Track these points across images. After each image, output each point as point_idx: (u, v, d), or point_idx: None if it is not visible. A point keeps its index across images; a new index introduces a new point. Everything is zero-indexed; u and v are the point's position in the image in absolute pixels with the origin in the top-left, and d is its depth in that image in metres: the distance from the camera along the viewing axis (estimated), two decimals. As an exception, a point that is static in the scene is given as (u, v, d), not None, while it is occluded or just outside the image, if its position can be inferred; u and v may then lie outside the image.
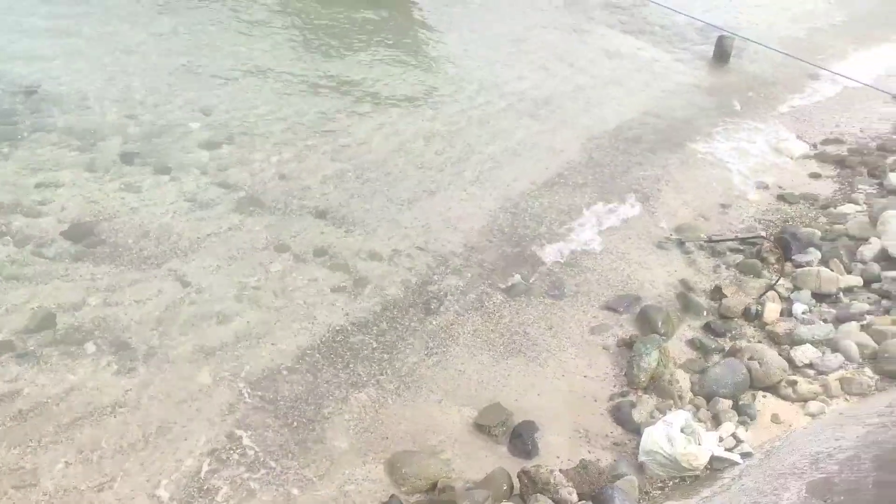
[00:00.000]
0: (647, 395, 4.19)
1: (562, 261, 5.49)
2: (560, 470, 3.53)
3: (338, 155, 6.45)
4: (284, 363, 4.18)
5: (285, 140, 6.55)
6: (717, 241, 5.83)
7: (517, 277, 5.21)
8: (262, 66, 7.82)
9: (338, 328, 4.50)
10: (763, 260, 5.57)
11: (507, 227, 5.81)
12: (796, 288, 5.18)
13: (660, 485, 3.64)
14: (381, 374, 4.19)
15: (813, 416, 4.02)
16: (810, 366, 4.39)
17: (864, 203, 6.40)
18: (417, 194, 6.06)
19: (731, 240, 5.87)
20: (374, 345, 4.41)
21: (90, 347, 4.09)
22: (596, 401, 4.17)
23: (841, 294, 5.08)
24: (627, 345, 4.56)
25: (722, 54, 9.50)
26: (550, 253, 5.56)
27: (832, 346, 4.50)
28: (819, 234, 5.76)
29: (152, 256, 4.86)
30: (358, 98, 7.52)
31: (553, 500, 3.36)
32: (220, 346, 4.24)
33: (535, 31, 9.76)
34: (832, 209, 6.38)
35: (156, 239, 5.03)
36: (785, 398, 4.17)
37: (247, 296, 4.66)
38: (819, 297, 5.08)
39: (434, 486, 3.52)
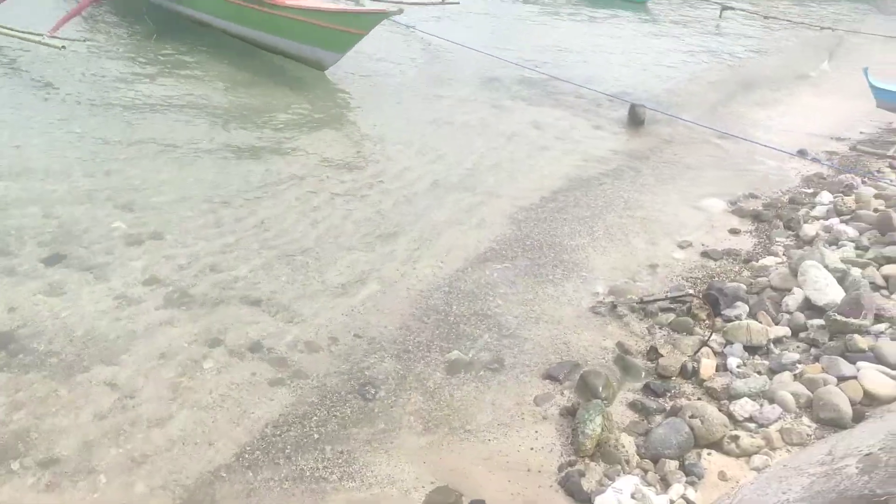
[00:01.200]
0: (594, 463, 4.16)
1: (499, 333, 5.49)
2: (514, 551, 3.44)
3: (267, 242, 6.39)
4: (223, 463, 4.01)
5: (212, 230, 6.46)
6: (649, 302, 5.95)
7: (455, 354, 5.18)
8: (184, 157, 7.77)
9: (276, 422, 4.36)
10: (694, 317, 5.69)
11: (442, 305, 5.80)
12: (728, 342, 5.30)
13: (616, 556, 3.57)
14: (323, 465, 4.05)
15: (758, 470, 4.05)
16: (750, 419, 4.45)
17: (784, 255, 6.66)
18: (350, 278, 6.03)
19: (662, 299, 5.99)
20: (315, 436, 4.28)
21: (14, 465, 3.84)
22: (544, 473, 4.11)
23: (771, 345, 5.21)
24: (570, 413, 4.55)
25: (635, 120, 9.95)
26: (487, 327, 5.56)
27: (769, 397, 4.59)
28: (745, 287, 5.94)
29: (79, 362, 4.65)
30: (283, 183, 7.52)
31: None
32: (155, 452, 4.04)
33: (457, 109, 10.03)
34: (754, 263, 6.62)
35: (82, 343, 4.83)
36: (729, 454, 4.20)
37: (180, 397, 4.49)
38: (751, 349, 5.20)
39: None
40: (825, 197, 7.84)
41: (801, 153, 9.34)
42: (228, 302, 5.50)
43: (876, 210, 7.16)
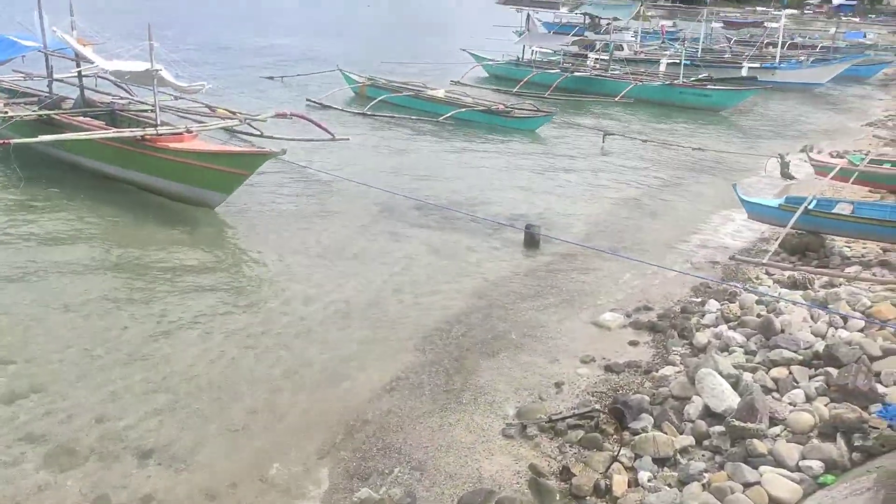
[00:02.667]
0: None
1: (409, 466, 5.33)
2: None
3: (160, 385, 6.11)
4: None
5: (99, 378, 6.13)
6: (557, 420, 5.95)
7: (365, 492, 4.96)
8: (69, 301, 7.44)
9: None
10: (602, 432, 5.72)
11: (348, 440, 5.61)
12: (637, 455, 5.32)
13: None
14: None
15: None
16: (665, 535, 4.42)
17: (681, 363, 6.87)
18: (251, 418, 5.78)
19: (570, 416, 6.01)
20: None
21: None
22: None
23: (678, 455, 5.26)
24: (487, 546, 4.39)
25: (531, 242, 10.29)
26: (397, 460, 5.39)
27: (681, 510, 4.59)
28: (648, 398, 6.05)
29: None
30: (176, 322, 7.29)
31: None
32: None
33: (353, 239, 10.11)
34: (654, 373, 6.78)
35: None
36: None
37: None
38: (659, 461, 5.24)
39: None
40: (713, 305, 8.22)
41: (688, 263, 9.89)
42: (119, 456, 5.13)
43: (759, 315, 7.54)
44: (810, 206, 9.57)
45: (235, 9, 56.55)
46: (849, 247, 9.63)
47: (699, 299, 8.68)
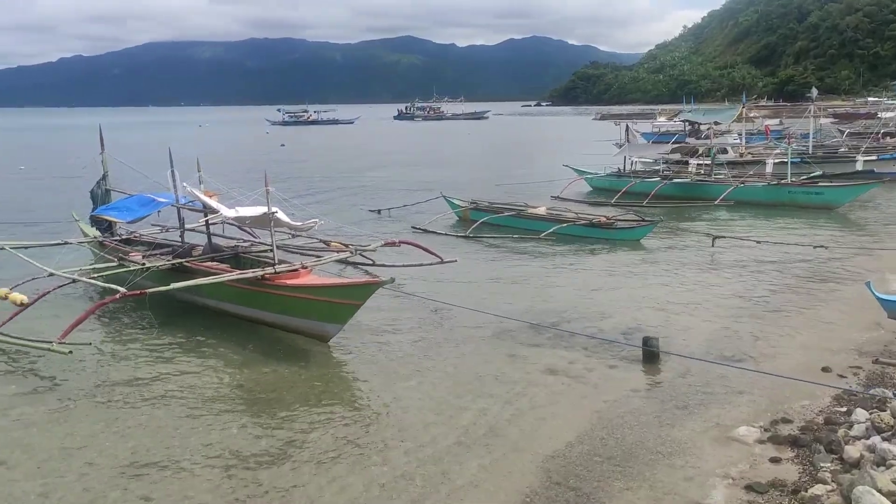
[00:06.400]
0: None
1: None
2: None
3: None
4: None
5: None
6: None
7: None
8: (194, 456, 7.67)
9: None
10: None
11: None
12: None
13: None
14: None
15: None
16: None
17: (833, 481, 6.28)
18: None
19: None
20: None
21: None
22: None
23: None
24: None
25: (650, 356, 9.91)
26: None
27: None
28: (799, 523, 5.53)
29: None
30: (299, 454, 7.37)
31: None
32: None
33: (468, 363, 10.04)
34: (804, 493, 6.21)
35: None
36: None
37: None
38: None
39: None
40: (860, 415, 7.57)
41: (826, 370, 9.23)
42: None
43: (917, 423, 6.88)
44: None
45: (345, 152, 60.39)
46: None
47: (844, 409, 8.03)
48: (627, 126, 32.07)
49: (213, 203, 12.62)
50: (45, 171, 42.11)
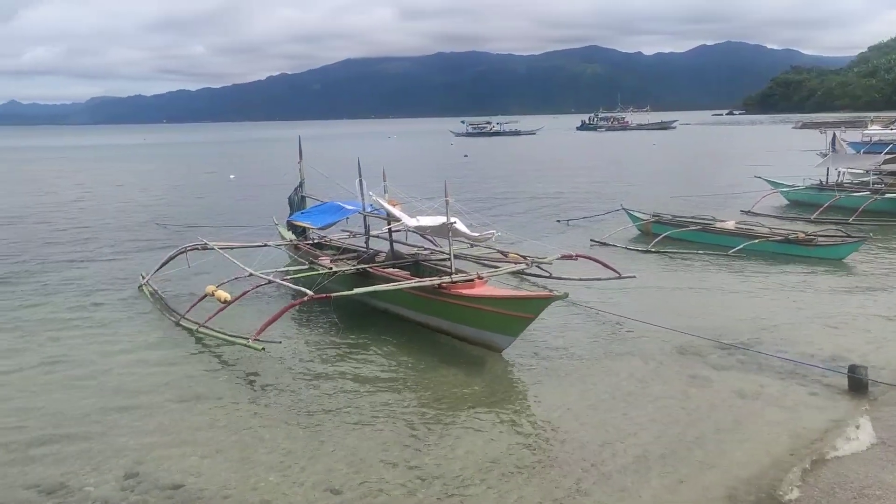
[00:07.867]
0: None
1: None
2: None
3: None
4: None
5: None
6: None
7: None
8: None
9: None
10: None
11: None
12: None
13: None
14: None
15: None
16: None
17: None
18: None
19: None
20: None
21: None
22: None
23: None
24: None
25: (858, 385, 8.93)
26: None
27: None
28: None
29: None
30: (470, 472, 7.35)
31: None
32: None
33: (647, 382, 9.56)
34: None
35: None
36: None
37: None
38: None
39: None
40: None
41: None
42: None
43: None
44: None
45: (526, 163, 60.68)
46: None
47: None
48: (835, 135, 29.40)
49: (396, 212, 13.11)
50: (252, 179, 46.01)
